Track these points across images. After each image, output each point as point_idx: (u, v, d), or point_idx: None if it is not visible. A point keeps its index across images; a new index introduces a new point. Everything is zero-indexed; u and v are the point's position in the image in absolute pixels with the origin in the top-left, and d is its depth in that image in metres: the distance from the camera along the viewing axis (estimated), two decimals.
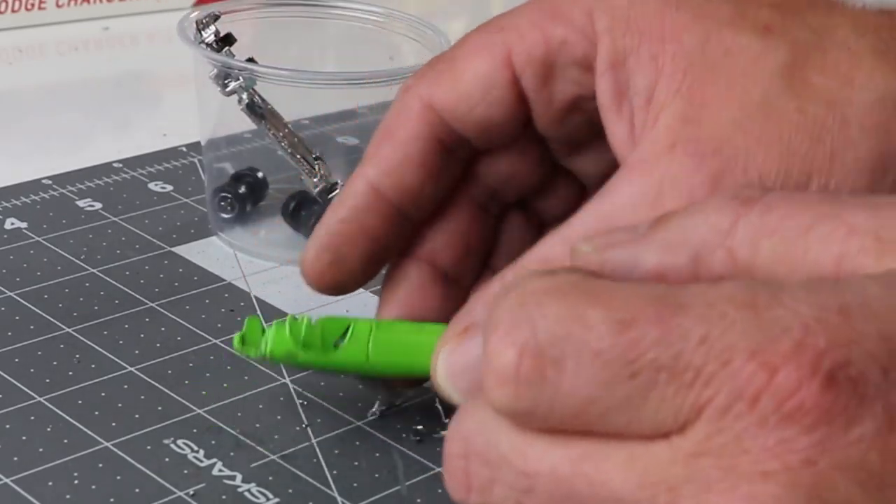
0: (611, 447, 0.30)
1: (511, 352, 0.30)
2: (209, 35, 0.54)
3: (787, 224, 0.32)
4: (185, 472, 0.43)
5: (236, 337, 0.44)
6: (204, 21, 0.55)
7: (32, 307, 0.51)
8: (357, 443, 0.45)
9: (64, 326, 0.50)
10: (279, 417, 0.46)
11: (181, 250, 0.56)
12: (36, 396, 0.45)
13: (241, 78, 0.54)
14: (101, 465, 0.42)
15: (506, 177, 0.47)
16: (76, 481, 0.42)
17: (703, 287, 0.30)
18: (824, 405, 0.28)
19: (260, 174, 0.58)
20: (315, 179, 0.56)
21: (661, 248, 0.33)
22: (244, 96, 0.55)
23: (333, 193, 0.56)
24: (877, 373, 0.28)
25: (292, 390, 0.47)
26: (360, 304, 0.53)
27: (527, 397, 0.30)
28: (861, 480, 0.28)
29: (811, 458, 0.28)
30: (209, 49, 0.54)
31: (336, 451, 0.44)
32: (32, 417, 0.44)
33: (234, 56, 0.54)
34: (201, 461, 0.43)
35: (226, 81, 0.54)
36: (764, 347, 0.28)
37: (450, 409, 0.46)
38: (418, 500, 0.42)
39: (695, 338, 0.29)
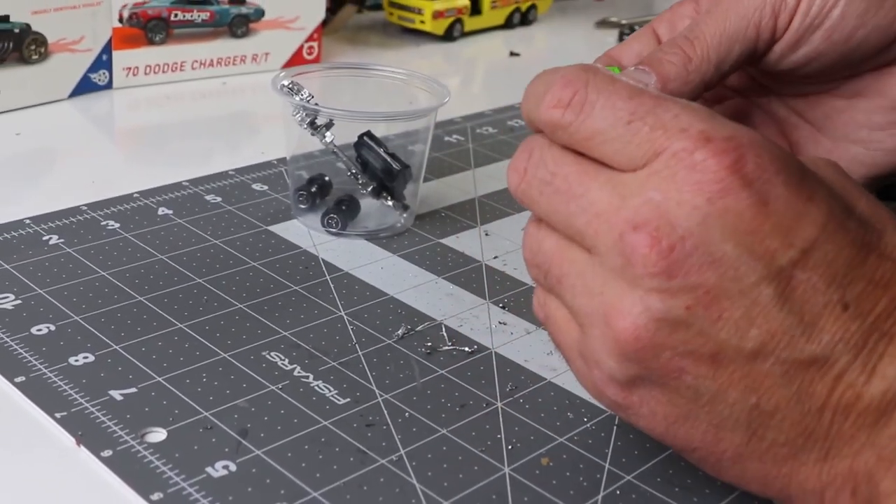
0: (600, 170, 0.32)
1: (568, 92, 0.33)
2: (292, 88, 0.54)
3: None
4: (276, 373, 0.43)
5: None
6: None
7: (176, 266, 0.51)
8: (388, 354, 0.45)
9: (196, 278, 0.50)
10: (337, 338, 0.46)
11: (273, 228, 0.55)
12: (178, 324, 0.46)
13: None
14: (220, 369, 0.43)
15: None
16: (204, 379, 0.42)
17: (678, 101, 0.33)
18: (724, 164, 0.30)
19: (326, 178, 0.58)
20: (360, 183, 0.56)
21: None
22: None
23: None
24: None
25: (346, 320, 0.47)
26: (391, 265, 0.52)
27: (565, 118, 0.33)
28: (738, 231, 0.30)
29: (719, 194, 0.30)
30: (292, 96, 0.54)
31: (375, 360, 0.44)
32: (176, 338, 0.45)
33: (307, 101, 0.54)
34: (286, 366, 0.43)
35: (304, 117, 0.54)
36: (708, 132, 0.31)
37: (452, 335, 0.46)
38: (428, 392, 0.42)
39: (672, 112, 0.31)
